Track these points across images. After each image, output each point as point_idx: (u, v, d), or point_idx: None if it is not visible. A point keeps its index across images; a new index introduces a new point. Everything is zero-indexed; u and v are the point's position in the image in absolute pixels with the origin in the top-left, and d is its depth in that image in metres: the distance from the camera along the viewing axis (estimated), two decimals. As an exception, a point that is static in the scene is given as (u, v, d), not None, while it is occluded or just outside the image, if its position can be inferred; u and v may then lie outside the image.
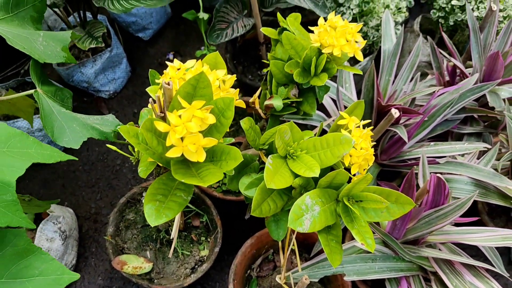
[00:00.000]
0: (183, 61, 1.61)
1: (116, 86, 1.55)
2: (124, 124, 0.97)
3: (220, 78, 0.68)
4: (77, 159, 0.79)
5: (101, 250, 1.28)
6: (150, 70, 0.79)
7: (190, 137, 0.55)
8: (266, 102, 0.92)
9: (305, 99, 0.93)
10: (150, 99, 0.64)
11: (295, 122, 1.11)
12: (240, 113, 1.28)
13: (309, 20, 1.31)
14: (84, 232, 1.31)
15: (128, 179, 1.42)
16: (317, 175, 0.70)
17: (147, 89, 0.72)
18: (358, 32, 0.83)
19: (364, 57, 1.41)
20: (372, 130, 0.81)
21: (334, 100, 1.16)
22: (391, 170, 1.16)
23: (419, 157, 1.09)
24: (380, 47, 1.42)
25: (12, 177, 0.63)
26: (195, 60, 0.70)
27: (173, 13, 1.75)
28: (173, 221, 1.04)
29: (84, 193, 1.39)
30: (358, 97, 1.19)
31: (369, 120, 0.87)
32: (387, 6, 1.28)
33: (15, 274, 0.65)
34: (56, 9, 1.30)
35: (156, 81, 0.70)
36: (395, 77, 1.15)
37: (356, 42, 0.84)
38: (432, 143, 1.09)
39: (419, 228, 0.92)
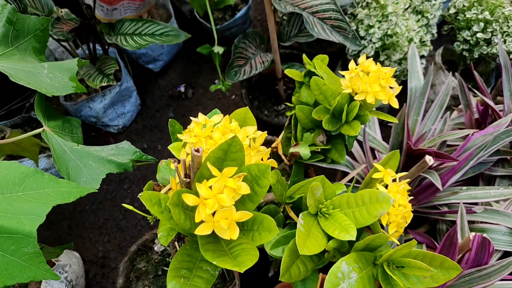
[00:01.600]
0: (195, 93, 1.55)
1: (125, 120, 1.49)
2: (140, 152, 0.90)
3: (250, 136, 0.61)
4: (96, 190, 0.72)
5: (109, 298, 1.21)
6: (170, 120, 0.72)
7: (222, 211, 0.49)
8: (292, 150, 0.86)
9: (333, 145, 0.87)
10: (175, 166, 0.57)
11: (319, 166, 1.05)
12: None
13: (327, 52, 1.25)
14: (91, 278, 1.24)
15: (138, 220, 1.35)
16: (354, 238, 0.63)
17: (169, 147, 0.65)
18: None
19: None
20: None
21: (358, 141, 1.10)
22: (419, 216, 1.09)
23: (451, 203, 1.02)
24: (402, 81, 1.36)
25: (32, 226, 0.56)
26: (221, 115, 0.64)
27: (184, 43, 1.70)
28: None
29: (91, 235, 1.32)
30: (382, 136, 1.13)
31: (405, 173, 0.80)
32: (411, 40, 1.22)
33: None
34: (64, 43, 1.25)
35: (179, 136, 0.64)
36: (423, 116, 1.08)
37: (391, 88, 0.78)
38: (464, 188, 1.02)
39: (459, 287, 0.84)
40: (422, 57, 1.33)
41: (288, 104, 0.92)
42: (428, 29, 1.34)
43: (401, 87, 0.79)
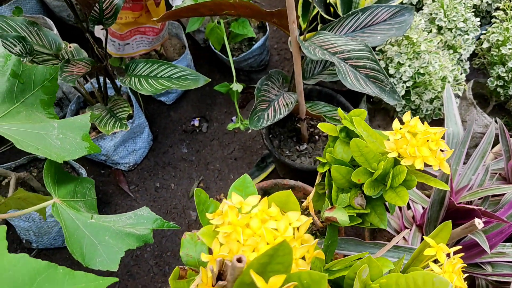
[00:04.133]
0: (210, 127, 1.47)
1: (137, 158, 1.41)
2: (161, 219, 0.82)
3: (293, 225, 0.53)
4: (117, 279, 0.64)
5: None
6: (196, 189, 0.64)
7: (270, 336, 0.41)
8: (328, 215, 0.77)
9: (372, 208, 0.78)
10: (210, 267, 0.49)
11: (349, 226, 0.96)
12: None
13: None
14: (101, 333, 1.15)
15: (150, 266, 1.27)
16: (409, 333, 0.55)
17: (199, 234, 0.57)
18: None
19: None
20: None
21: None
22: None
23: (495, 262, 0.93)
24: (433, 120, 1.28)
25: None
26: (258, 196, 0.55)
27: (197, 74, 1.62)
28: None
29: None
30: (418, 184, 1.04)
31: (460, 247, 0.72)
32: (444, 78, 1.14)
33: None
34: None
35: (209, 217, 0.56)
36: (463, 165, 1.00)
37: (441, 151, 0.69)
38: (508, 244, 0.94)
39: None
40: (455, 96, 1.24)
41: (320, 158, 0.84)
42: (460, 64, 1.26)
43: (452, 150, 0.70)
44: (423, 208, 1.03)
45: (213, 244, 0.55)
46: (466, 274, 0.98)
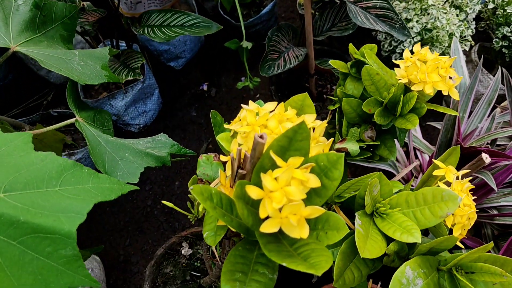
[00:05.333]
0: (218, 92, 1.49)
1: (147, 119, 1.43)
2: (178, 145, 0.83)
3: (310, 126, 0.55)
4: (135, 180, 0.66)
5: (132, 305, 1.14)
6: (212, 111, 0.66)
7: (290, 206, 0.43)
8: (338, 146, 0.79)
9: (382, 142, 0.80)
10: (231, 156, 0.51)
11: (356, 167, 0.98)
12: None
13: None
14: (112, 283, 1.18)
15: (160, 222, 1.29)
16: (419, 240, 0.57)
17: (217, 138, 0.59)
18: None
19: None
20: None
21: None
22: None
23: (502, 206, 0.95)
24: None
25: (71, 225, 0.49)
26: (275, 102, 0.57)
27: (206, 41, 1.64)
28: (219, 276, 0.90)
29: (111, 237, 1.26)
30: (423, 136, 1.06)
31: (468, 170, 0.74)
32: (451, 35, 1.16)
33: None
34: (86, 37, 1.20)
35: (228, 127, 0.58)
36: (469, 113, 1.02)
37: (450, 78, 0.71)
38: (514, 189, 0.96)
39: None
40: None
41: (331, 97, 0.86)
42: (467, 25, 1.28)
43: (461, 77, 0.72)
44: (429, 157, 1.04)
45: (231, 145, 0.57)
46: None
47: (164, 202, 0.68)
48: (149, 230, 1.27)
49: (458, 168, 0.91)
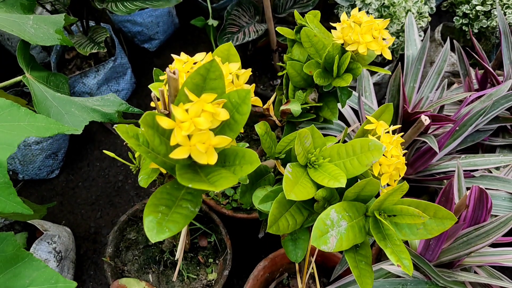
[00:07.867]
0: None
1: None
2: (126, 104, 0.86)
3: (233, 72, 0.59)
4: (79, 131, 0.68)
5: (100, 273, 1.18)
6: (154, 69, 0.70)
7: (199, 134, 0.46)
8: (283, 107, 0.83)
9: (325, 104, 0.84)
10: (153, 95, 0.55)
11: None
12: (251, 124, 1.18)
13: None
14: (82, 253, 1.21)
15: (131, 196, 1.33)
16: (343, 185, 0.61)
17: (150, 86, 0.63)
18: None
19: (383, 66, 1.33)
20: (397, 139, 0.72)
21: (354, 110, 1.07)
22: (417, 186, 1.06)
23: (449, 171, 0.99)
24: (401, 54, 1.34)
25: (2, 155, 0.53)
26: (204, 52, 0.61)
27: (180, 23, 1.68)
28: (178, 240, 0.94)
29: (83, 211, 1.30)
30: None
31: (399, 126, 0.78)
32: (409, 11, 1.20)
33: (3, 283, 0.55)
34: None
35: (161, 77, 0.62)
36: (420, 84, 1.05)
37: (384, 39, 0.75)
38: (463, 156, 1.00)
39: (456, 249, 0.81)
40: (422, 31, 1.30)
41: (280, 64, 0.90)
42: (428, 3, 1.31)
43: (394, 38, 0.76)
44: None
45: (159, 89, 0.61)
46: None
47: (105, 151, 0.71)
48: (120, 204, 1.31)
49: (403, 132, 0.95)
